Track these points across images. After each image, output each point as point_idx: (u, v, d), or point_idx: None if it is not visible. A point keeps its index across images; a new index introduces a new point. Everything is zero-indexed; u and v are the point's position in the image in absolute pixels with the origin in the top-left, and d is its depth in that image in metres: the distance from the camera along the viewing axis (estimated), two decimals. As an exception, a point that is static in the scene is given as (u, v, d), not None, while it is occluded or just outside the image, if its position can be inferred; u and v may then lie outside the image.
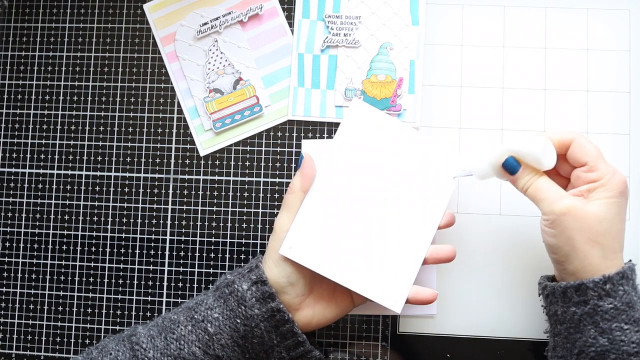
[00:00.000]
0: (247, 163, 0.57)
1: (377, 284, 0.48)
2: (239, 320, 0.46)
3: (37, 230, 0.58)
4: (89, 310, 0.57)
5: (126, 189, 0.57)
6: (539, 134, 0.45)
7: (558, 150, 0.45)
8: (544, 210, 0.44)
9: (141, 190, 0.57)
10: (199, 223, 0.57)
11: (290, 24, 0.57)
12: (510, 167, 0.46)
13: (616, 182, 0.43)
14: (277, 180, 0.56)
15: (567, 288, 0.43)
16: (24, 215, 0.58)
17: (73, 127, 0.58)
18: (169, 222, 0.57)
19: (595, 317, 0.42)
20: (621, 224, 0.43)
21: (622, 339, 0.41)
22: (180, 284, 0.56)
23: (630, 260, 0.44)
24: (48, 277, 0.57)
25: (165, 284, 0.56)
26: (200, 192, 0.57)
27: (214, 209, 0.56)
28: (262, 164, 0.57)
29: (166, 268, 0.56)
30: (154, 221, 0.57)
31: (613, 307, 0.41)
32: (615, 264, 0.42)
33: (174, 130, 0.57)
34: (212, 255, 0.56)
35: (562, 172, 0.47)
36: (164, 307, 0.56)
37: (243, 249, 0.56)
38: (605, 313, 0.42)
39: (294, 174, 0.50)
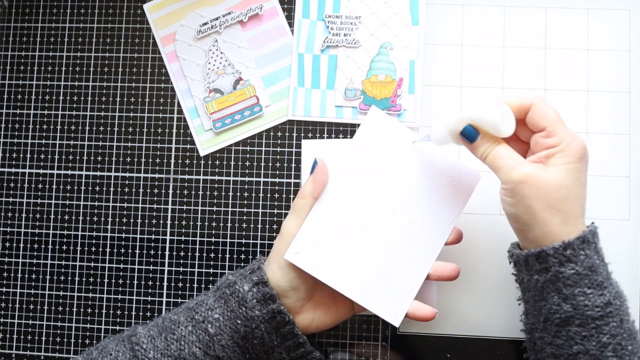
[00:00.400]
0: (247, 163, 0.57)
1: (378, 296, 0.48)
2: (239, 321, 0.45)
3: (37, 230, 0.58)
4: (89, 310, 0.57)
5: (126, 189, 0.57)
6: (498, 99, 0.44)
7: (517, 115, 0.44)
8: (502, 179, 0.43)
9: (141, 190, 0.57)
10: (199, 223, 0.57)
11: (290, 24, 0.57)
12: (468, 136, 0.44)
13: (575, 147, 0.42)
14: (277, 180, 0.56)
15: (529, 256, 0.43)
16: (24, 215, 0.58)
17: (73, 127, 0.58)
18: (169, 222, 0.57)
19: (558, 284, 0.41)
20: (581, 188, 0.42)
21: (586, 304, 0.41)
22: (180, 284, 0.56)
23: (592, 223, 0.43)
24: (48, 277, 0.57)
25: (165, 284, 0.56)
26: (200, 192, 0.57)
27: (214, 209, 0.56)
28: (262, 164, 0.57)
29: (166, 268, 0.56)
30: (154, 221, 0.57)
31: (575, 272, 0.41)
32: (576, 229, 0.42)
33: (174, 130, 0.57)
34: (212, 255, 0.56)
35: (522, 137, 0.46)
36: (164, 307, 0.56)
37: (243, 249, 0.56)
38: (567, 279, 0.41)
39: (308, 179, 0.49)
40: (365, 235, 0.48)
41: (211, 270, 0.56)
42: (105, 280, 0.57)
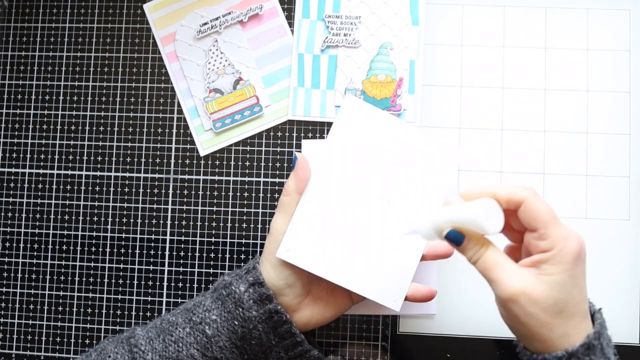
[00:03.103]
0: (247, 163, 0.57)
1: (375, 283, 0.48)
2: (236, 322, 0.46)
3: (37, 230, 0.58)
4: (89, 310, 0.57)
5: (126, 189, 0.57)
6: (486, 193, 0.40)
7: (509, 206, 0.40)
8: (495, 293, 0.40)
9: (141, 190, 0.57)
10: (199, 223, 0.57)
11: (290, 24, 0.57)
12: (453, 240, 0.41)
13: (569, 251, 0.38)
14: (277, 180, 0.56)
15: None
16: (24, 215, 0.58)
17: (73, 127, 0.58)
18: (169, 222, 0.57)
19: None
20: (580, 293, 0.39)
21: None
22: (180, 284, 0.56)
23: (599, 312, 0.41)
24: (48, 277, 0.57)
25: (165, 284, 0.56)
26: (200, 192, 0.57)
27: (214, 209, 0.56)
28: (262, 164, 0.57)
29: (166, 268, 0.56)
30: (154, 221, 0.57)
31: None
32: (579, 335, 0.39)
33: (174, 130, 0.57)
34: (212, 255, 0.56)
35: (515, 227, 0.43)
36: (164, 307, 0.56)
37: (243, 249, 0.56)
38: None
39: (290, 175, 0.49)
40: (355, 224, 0.48)
41: (211, 270, 0.56)
42: (105, 280, 0.57)
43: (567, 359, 0.38)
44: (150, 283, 0.56)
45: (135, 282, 0.57)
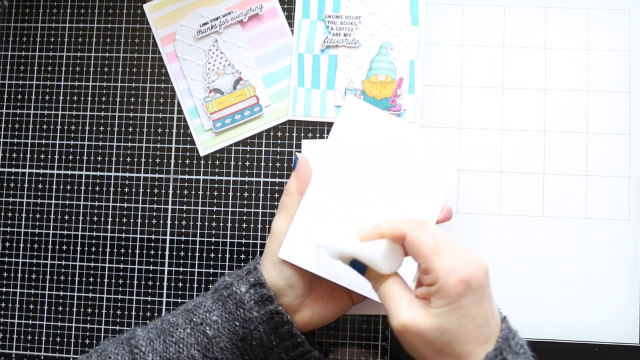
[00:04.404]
0: (247, 163, 0.57)
1: None
2: (237, 323, 0.45)
3: (37, 230, 0.58)
4: (89, 310, 0.57)
5: (126, 189, 0.57)
6: (376, 234, 0.41)
7: (398, 242, 0.40)
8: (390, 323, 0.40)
9: (141, 190, 0.57)
10: (199, 223, 0.57)
11: (290, 24, 0.57)
12: (356, 269, 0.42)
13: (451, 285, 0.37)
14: (277, 180, 0.56)
15: None
16: (24, 215, 0.58)
17: (73, 127, 0.58)
18: (169, 222, 0.57)
19: None
20: (472, 323, 0.37)
21: None
22: (180, 284, 0.56)
23: (500, 336, 0.39)
24: (48, 277, 0.57)
25: (165, 284, 0.56)
26: (200, 192, 0.57)
27: (214, 209, 0.56)
28: (262, 164, 0.57)
29: (166, 268, 0.56)
30: (154, 221, 0.57)
31: None
32: (478, 358, 0.38)
33: (174, 130, 0.57)
34: (212, 255, 0.56)
35: None
36: (164, 307, 0.56)
37: (243, 249, 0.56)
38: None
39: (291, 175, 0.49)
40: (356, 223, 0.48)
41: (211, 270, 0.56)
42: (105, 280, 0.57)
43: None
44: (150, 283, 0.56)
45: (135, 282, 0.57)
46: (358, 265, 0.42)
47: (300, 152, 0.56)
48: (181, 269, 0.56)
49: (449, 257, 0.38)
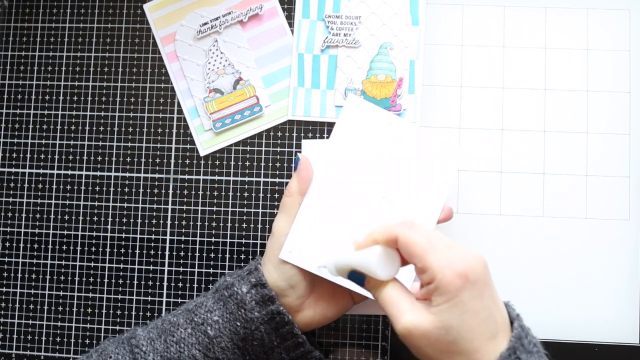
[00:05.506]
0: (247, 163, 0.57)
1: None
2: (238, 323, 0.45)
3: (37, 230, 0.58)
4: (89, 310, 0.57)
5: (126, 189, 0.57)
6: (370, 240, 0.41)
7: (392, 246, 0.40)
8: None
9: (141, 190, 0.57)
10: (199, 223, 0.57)
11: (290, 24, 0.57)
12: (355, 281, 0.42)
13: (449, 280, 0.37)
14: (277, 180, 0.56)
15: None
16: (24, 215, 0.58)
17: (73, 127, 0.58)
18: (169, 222, 0.57)
19: None
20: (475, 318, 0.37)
21: None
22: (180, 284, 0.56)
23: (514, 334, 0.38)
24: (48, 277, 0.57)
25: (165, 284, 0.56)
26: (200, 192, 0.57)
27: (214, 209, 0.56)
28: (262, 164, 0.57)
29: (166, 268, 0.56)
30: (154, 221, 0.57)
31: None
32: (486, 355, 0.37)
33: (174, 130, 0.57)
34: (212, 255, 0.56)
35: None
36: (164, 307, 0.56)
37: (243, 249, 0.56)
38: None
39: (293, 176, 0.50)
40: (357, 224, 0.48)
41: (211, 270, 0.56)
42: (105, 280, 0.57)
43: None
44: (150, 283, 0.56)
45: (135, 282, 0.57)
46: (356, 276, 0.41)
47: (300, 152, 0.56)
48: (181, 269, 0.56)
49: (444, 253, 0.38)
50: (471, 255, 0.38)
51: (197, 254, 0.56)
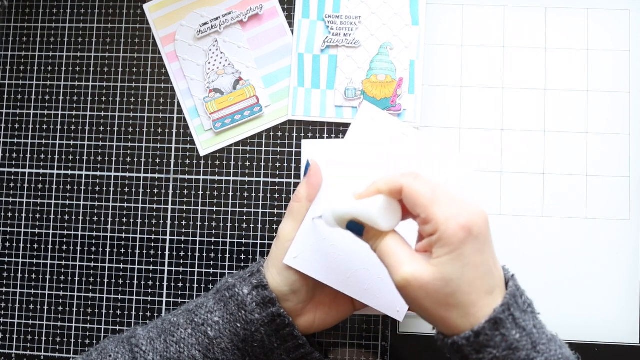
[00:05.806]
0: (247, 163, 0.57)
1: (380, 293, 0.48)
2: (239, 325, 0.45)
3: (37, 230, 0.58)
4: (89, 310, 0.57)
5: (126, 189, 0.57)
6: (373, 190, 0.40)
7: (395, 197, 0.40)
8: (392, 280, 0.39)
9: (141, 190, 0.57)
10: (199, 223, 0.57)
11: (290, 24, 0.57)
12: (354, 231, 0.41)
13: (453, 232, 0.36)
14: (277, 180, 0.56)
15: (443, 347, 0.39)
16: (24, 215, 0.58)
17: (73, 127, 0.58)
18: (169, 222, 0.57)
19: None
20: (475, 271, 0.37)
21: None
22: (180, 284, 0.56)
23: (508, 292, 0.38)
24: (48, 277, 0.57)
25: (165, 284, 0.56)
26: (200, 192, 0.57)
27: (214, 209, 0.56)
28: (262, 164, 0.57)
29: (166, 268, 0.56)
30: (154, 221, 0.57)
31: (493, 356, 0.37)
32: (482, 310, 0.37)
33: (174, 130, 0.57)
34: (212, 255, 0.56)
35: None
36: (164, 307, 0.56)
37: (243, 249, 0.56)
38: None
39: (301, 180, 0.49)
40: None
41: (211, 271, 0.56)
42: (105, 280, 0.57)
43: (475, 338, 0.37)
44: (150, 283, 0.56)
45: (135, 282, 0.57)
46: (356, 226, 0.41)
47: (300, 152, 0.56)
48: (181, 269, 0.56)
49: (449, 205, 0.37)
50: (475, 210, 0.38)
51: (197, 254, 0.56)
